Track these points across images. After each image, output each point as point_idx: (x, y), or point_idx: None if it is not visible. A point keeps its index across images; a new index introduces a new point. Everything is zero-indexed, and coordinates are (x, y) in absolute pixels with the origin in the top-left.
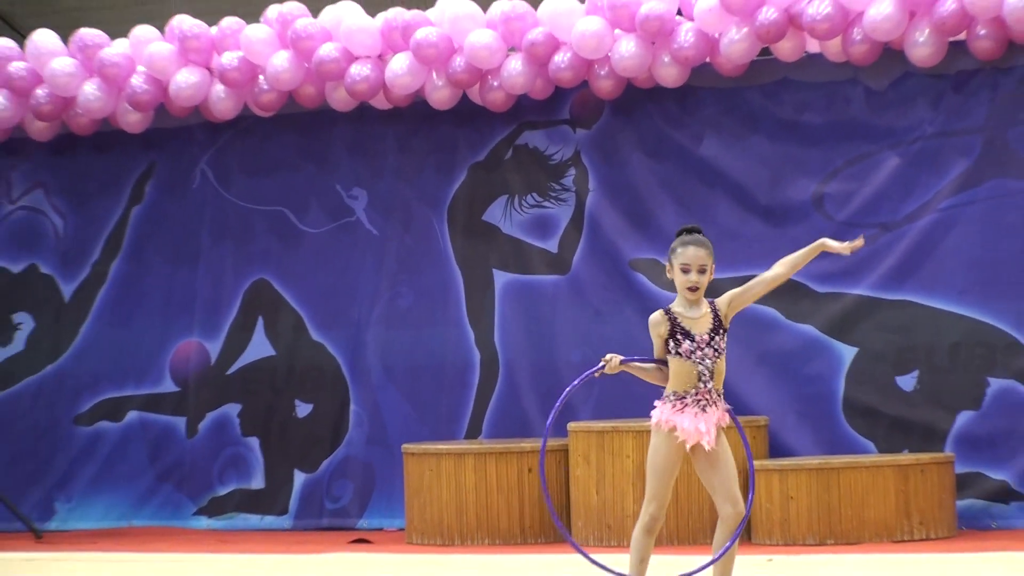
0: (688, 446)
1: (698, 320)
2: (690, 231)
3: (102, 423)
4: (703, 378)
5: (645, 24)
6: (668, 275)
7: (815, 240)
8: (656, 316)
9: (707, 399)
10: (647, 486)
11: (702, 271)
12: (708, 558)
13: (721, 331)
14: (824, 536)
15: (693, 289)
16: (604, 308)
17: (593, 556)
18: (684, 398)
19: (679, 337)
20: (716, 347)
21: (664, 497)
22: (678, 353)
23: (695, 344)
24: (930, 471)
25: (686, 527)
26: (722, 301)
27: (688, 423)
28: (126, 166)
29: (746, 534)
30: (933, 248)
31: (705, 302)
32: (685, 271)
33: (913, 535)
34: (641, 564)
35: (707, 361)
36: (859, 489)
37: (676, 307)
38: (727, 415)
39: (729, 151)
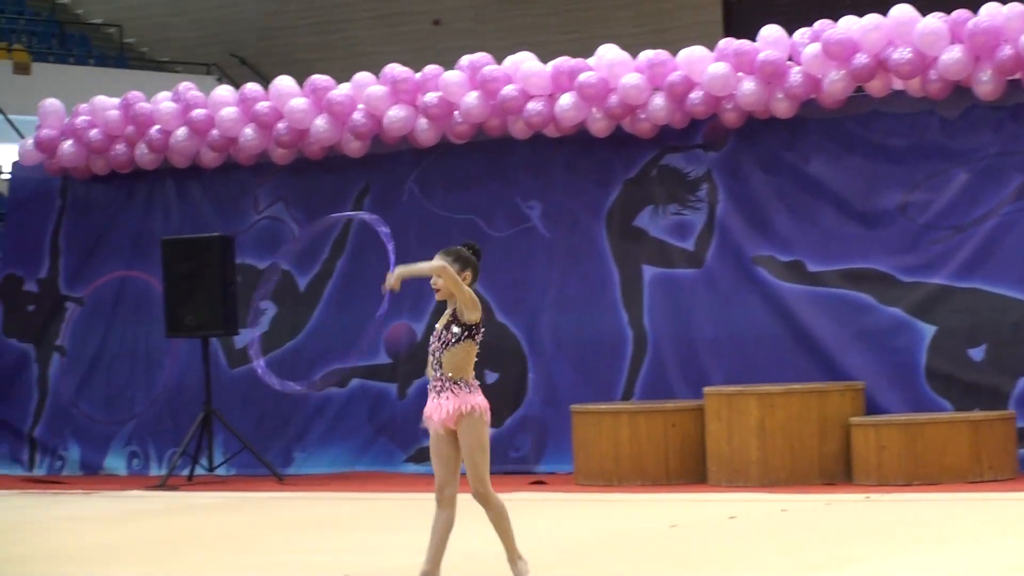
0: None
1: (444, 315)
2: (463, 244)
3: (330, 388)
4: (435, 366)
5: (762, 68)
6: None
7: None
8: None
9: (439, 385)
10: None
11: (439, 275)
12: (790, 496)
13: (454, 326)
14: (911, 478)
15: (436, 290)
16: (731, 295)
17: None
18: (431, 384)
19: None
20: (444, 340)
21: (437, 472)
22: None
23: (433, 337)
24: (996, 425)
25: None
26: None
27: (428, 408)
28: (348, 184)
29: (847, 476)
30: (996, 245)
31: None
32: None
33: (983, 477)
34: (431, 536)
35: (436, 352)
36: (939, 440)
37: None
38: (470, 404)
39: (831, 169)
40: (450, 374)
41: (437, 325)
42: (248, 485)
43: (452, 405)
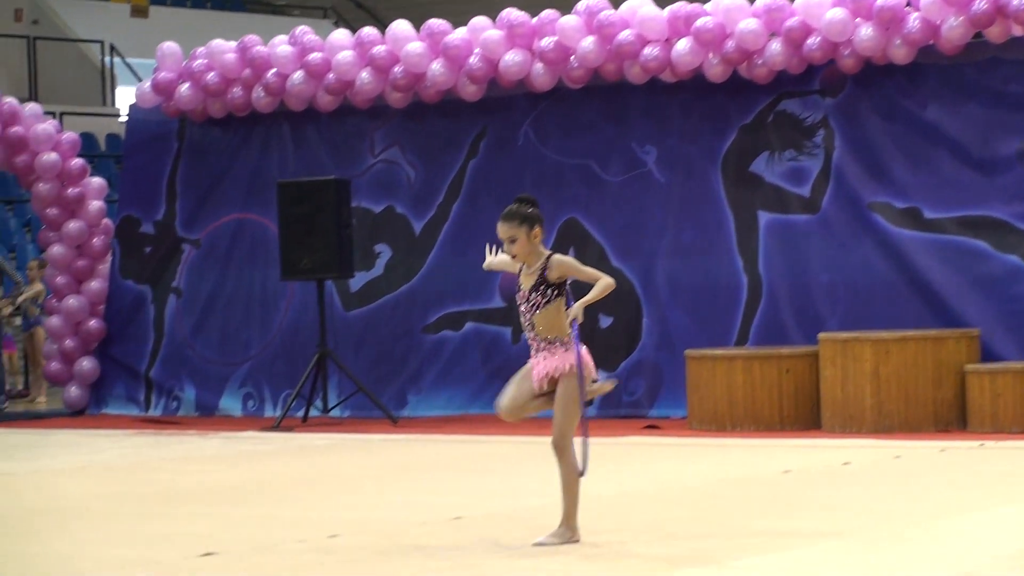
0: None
1: (528, 275)
2: (517, 202)
3: (445, 332)
4: (526, 327)
5: (880, 13)
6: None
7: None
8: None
9: (535, 345)
10: None
11: (512, 241)
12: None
13: (544, 287)
14: None
15: (512, 256)
16: (847, 241)
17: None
18: (528, 341)
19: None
20: (534, 302)
21: (508, 394)
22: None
23: (520, 298)
24: None
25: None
26: (556, 262)
27: (531, 362)
28: (464, 128)
29: (961, 424)
30: None
31: (544, 259)
32: (502, 243)
33: None
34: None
35: (527, 314)
36: None
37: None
38: (567, 363)
39: (948, 116)
40: (546, 335)
41: (522, 283)
42: (362, 427)
43: (551, 364)
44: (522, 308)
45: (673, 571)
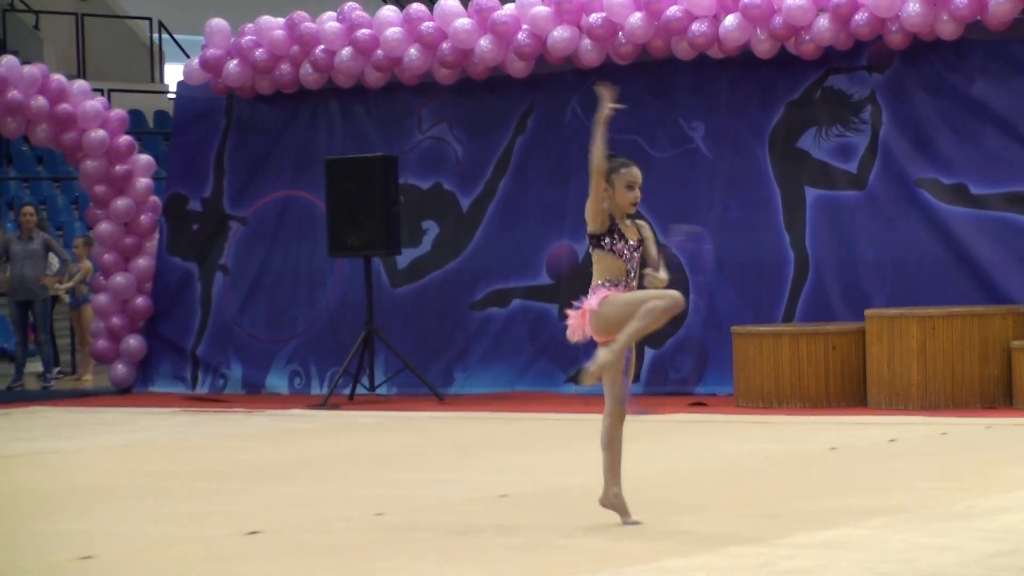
0: None
1: (629, 229)
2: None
3: (492, 309)
4: (630, 275)
5: None
6: (605, 198)
7: None
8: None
9: (631, 290)
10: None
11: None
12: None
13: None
14: None
15: (635, 204)
16: (894, 217)
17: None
18: (618, 285)
19: (615, 236)
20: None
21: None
22: (612, 250)
23: (628, 248)
24: None
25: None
26: (646, 229)
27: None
28: (512, 104)
29: (1007, 400)
30: None
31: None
32: (631, 188)
33: None
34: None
35: (633, 263)
36: None
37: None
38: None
39: (995, 91)
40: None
41: (629, 236)
42: (409, 404)
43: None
44: (626, 256)
45: (718, 549)
